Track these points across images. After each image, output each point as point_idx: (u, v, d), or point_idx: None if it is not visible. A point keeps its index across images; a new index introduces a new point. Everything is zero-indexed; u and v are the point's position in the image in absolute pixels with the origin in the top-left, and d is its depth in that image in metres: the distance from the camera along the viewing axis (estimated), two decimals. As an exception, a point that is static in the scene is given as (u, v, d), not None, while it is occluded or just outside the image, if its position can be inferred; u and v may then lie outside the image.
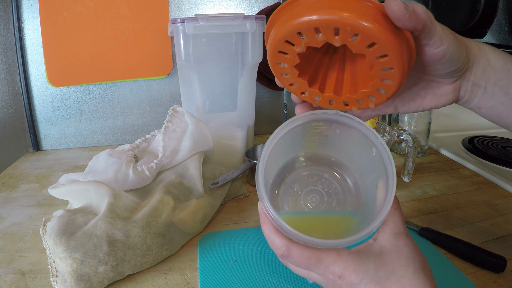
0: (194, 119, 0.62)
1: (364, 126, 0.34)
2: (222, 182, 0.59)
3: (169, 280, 0.43)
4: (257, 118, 0.83)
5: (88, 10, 0.80)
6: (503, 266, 0.42)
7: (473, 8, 0.82)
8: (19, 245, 0.50)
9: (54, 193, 0.56)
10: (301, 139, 0.38)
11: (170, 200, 0.51)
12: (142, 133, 0.91)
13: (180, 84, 0.78)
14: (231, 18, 0.65)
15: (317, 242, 0.29)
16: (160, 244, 0.46)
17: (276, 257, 0.45)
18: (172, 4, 0.85)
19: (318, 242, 0.29)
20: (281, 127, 0.34)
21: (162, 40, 0.85)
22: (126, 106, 0.90)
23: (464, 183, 0.67)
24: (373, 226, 0.30)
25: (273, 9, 0.87)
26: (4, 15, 0.80)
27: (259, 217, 0.33)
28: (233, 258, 0.46)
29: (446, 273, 0.43)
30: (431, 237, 0.49)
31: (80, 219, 0.47)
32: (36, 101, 0.86)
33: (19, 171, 0.77)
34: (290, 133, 0.35)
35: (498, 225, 0.53)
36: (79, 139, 0.90)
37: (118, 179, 0.55)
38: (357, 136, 0.34)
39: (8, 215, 0.58)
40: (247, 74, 0.72)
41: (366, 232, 0.29)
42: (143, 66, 0.86)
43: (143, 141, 0.65)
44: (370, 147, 0.34)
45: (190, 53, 0.66)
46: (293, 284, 0.41)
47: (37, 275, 0.44)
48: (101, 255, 0.42)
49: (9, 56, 0.82)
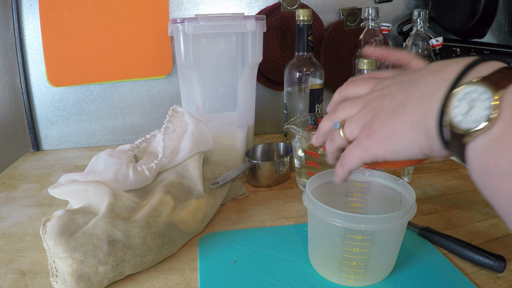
0: (194, 119, 0.62)
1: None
2: (222, 182, 0.59)
3: (169, 280, 0.43)
4: (257, 118, 0.83)
5: (88, 10, 0.80)
6: (503, 266, 0.42)
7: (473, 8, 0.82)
8: (19, 245, 0.50)
9: (54, 193, 0.56)
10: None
11: (170, 200, 0.51)
12: (142, 133, 0.91)
13: (180, 84, 0.78)
14: (231, 18, 0.65)
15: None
16: (160, 244, 0.46)
17: (276, 257, 0.45)
18: (172, 4, 0.85)
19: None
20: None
21: (162, 40, 0.85)
22: (126, 106, 0.90)
23: (464, 183, 0.67)
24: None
25: (273, 9, 0.87)
26: (4, 15, 0.80)
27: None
28: (233, 259, 0.46)
29: (446, 273, 0.43)
30: (431, 237, 0.49)
31: (80, 219, 0.47)
32: (36, 101, 0.86)
33: (19, 171, 0.77)
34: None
35: (498, 225, 0.53)
36: (79, 139, 0.90)
37: (118, 179, 0.55)
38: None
39: (8, 215, 0.58)
40: (247, 74, 0.71)
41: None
42: (143, 66, 0.86)
43: (143, 141, 0.65)
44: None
45: (190, 53, 0.66)
46: (292, 284, 0.41)
47: (37, 275, 0.44)
48: (101, 255, 0.42)
49: (9, 56, 0.82)
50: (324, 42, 0.92)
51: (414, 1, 0.96)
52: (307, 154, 0.60)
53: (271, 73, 0.91)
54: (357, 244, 0.38)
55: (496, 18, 0.83)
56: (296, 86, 0.76)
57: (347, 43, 0.93)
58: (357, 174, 0.46)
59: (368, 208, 0.48)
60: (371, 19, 0.74)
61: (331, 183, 0.46)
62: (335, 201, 0.47)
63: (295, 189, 0.65)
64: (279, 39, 0.89)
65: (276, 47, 0.90)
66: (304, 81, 0.75)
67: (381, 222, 0.37)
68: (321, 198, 0.40)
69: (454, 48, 0.89)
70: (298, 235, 0.51)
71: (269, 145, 0.74)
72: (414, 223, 0.52)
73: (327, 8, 0.92)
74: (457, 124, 0.25)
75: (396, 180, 0.44)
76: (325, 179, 0.46)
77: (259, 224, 0.54)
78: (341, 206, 0.48)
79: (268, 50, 0.88)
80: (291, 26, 0.89)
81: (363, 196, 0.47)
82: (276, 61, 0.91)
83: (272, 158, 0.73)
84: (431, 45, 0.75)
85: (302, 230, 0.52)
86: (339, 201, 0.48)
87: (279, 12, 0.87)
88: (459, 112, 0.25)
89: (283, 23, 0.88)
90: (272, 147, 0.74)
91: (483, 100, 0.24)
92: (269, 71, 0.91)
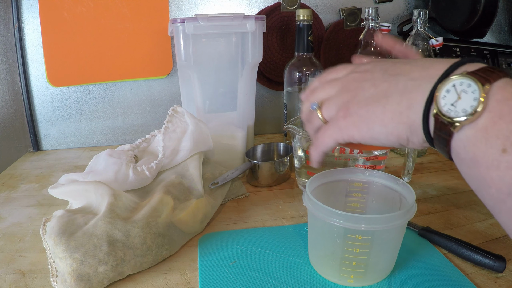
0: (194, 119, 0.62)
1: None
2: (222, 182, 0.59)
3: (169, 280, 0.43)
4: (257, 118, 0.83)
5: (88, 10, 0.80)
6: (503, 266, 0.42)
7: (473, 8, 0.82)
8: (19, 245, 0.50)
9: (54, 193, 0.56)
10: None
11: (170, 200, 0.51)
12: (142, 133, 0.91)
13: (180, 84, 0.78)
14: (231, 18, 0.65)
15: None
16: (160, 244, 0.46)
17: (276, 257, 0.45)
18: (172, 4, 0.85)
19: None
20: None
21: (162, 40, 0.85)
22: (126, 106, 0.90)
23: (464, 183, 0.66)
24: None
25: (273, 9, 0.87)
26: (4, 15, 0.80)
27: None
28: (233, 259, 0.46)
29: (446, 273, 0.43)
30: (431, 237, 0.49)
31: (80, 219, 0.47)
32: (36, 101, 0.86)
33: (19, 171, 0.77)
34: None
35: (498, 225, 0.52)
36: (79, 139, 0.90)
37: (118, 179, 0.55)
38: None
39: (8, 215, 0.58)
40: (247, 74, 0.71)
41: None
42: (143, 66, 0.86)
43: (143, 141, 0.65)
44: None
45: (190, 53, 0.66)
46: (292, 284, 0.41)
47: (37, 275, 0.44)
48: (101, 255, 0.42)
49: (9, 56, 0.82)
50: (324, 42, 0.92)
51: (414, 1, 0.96)
52: (307, 154, 0.60)
53: (271, 73, 0.91)
54: (357, 244, 0.38)
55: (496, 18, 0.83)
56: (296, 86, 0.76)
57: (347, 43, 0.93)
58: (357, 174, 0.46)
59: (368, 208, 0.48)
60: (371, 19, 0.74)
61: (331, 183, 0.46)
62: (335, 201, 0.47)
63: (295, 189, 0.65)
64: (279, 39, 0.89)
65: (276, 47, 0.90)
66: (304, 81, 0.75)
67: (381, 222, 0.37)
68: (321, 198, 0.40)
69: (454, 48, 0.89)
70: (298, 235, 0.51)
71: (269, 145, 0.74)
72: (414, 223, 0.52)
73: (327, 8, 0.92)
74: (446, 113, 0.25)
75: (396, 180, 0.44)
76: (325, 179, 0.46)
77: (259, 224, 0.54)
78: (341, 206, 0.48)
79: (268, 50, 0.88)
80: (291, 26, 0.89)
81: (363, 196, 0.47)
82: (276, 61, 0.91)
83: (272, 158, 0.73)
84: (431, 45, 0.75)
85: (302, 230, 0.52)
86: (339, 201, 0.48)
87: (279, 12, 0.87)
88: (448, 102, 0.25)
89: (283, 23, 0.88)
90: (272, 147, 0.74)
91: (470, 91, 0.25)
92: (269, 71, 0.91)
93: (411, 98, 0.28)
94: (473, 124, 0.24)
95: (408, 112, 0.28)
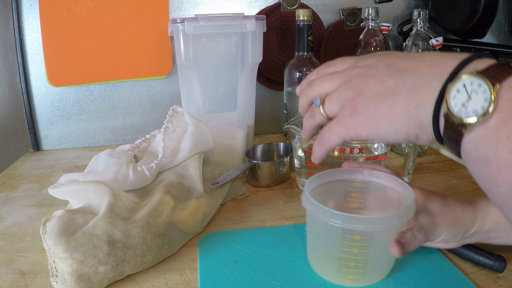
0: (194, 119, 0.62)
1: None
2: (222, 182, 0.59)
3: (169, 280, 0.43)
4: (257, 118, 0.83)
5: (88, 10, 0.80)
6: (503, 266, 0.42)
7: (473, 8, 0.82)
8: (19, 245, 0.50)
9: (54, 193, 0.56)
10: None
11: (170, 200, 0.51)
12: (142, 133, 0.91)
13: (180, 84, 0.78)
14: (231, 18, 0.65)
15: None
16: (160, 244, 0.46)
17: (276, 258, 0.45)
18: (172, 4, 0.85)
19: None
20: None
21: (162, 40, 0.85)
22: (126, 106, 0.90)
23: (464, 183, 0.67)
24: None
25: (273, 9, 0.87)
26: (4, 15, 0.80)
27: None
28: (233, 259, 0.46)
29: (446, 273, 0.43)
30: (431, 237, 0.49)
31: (80, 219, 0.47)
32: (36, 101, 0.86)
33: (19, 171, 0.77)
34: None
35: (498, 225, 0.53)
36: (79, 139, 0.90)
37: (118, 179, 0.55)
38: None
39: (8, 215, 0.58)
40: (247, 74, 0.72)
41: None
42: (143, 66, 0.86)
43: (143, 141, 0.65)
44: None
45: (190, 53, 0.66)
46: (292, 285, 0.41)
47: (37, 275, 0.44)
48: (101, 255, 0.42)
49: (9, 56, 0.82)
50: (324, 42, 0.92)
51: (414, 1, 0.96)
52: (307, 154, 0.60)
53: (271, 73, 0.91)
54: (355, 244, 0.38)
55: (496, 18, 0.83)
56: (296, 86, 0.76)
57: (347, 43, 0.93)
58: (356, 174, 0.46)
59: (367, 208, 0.48)
60: (371, 19, 0.74)
61: (330, 183, 0.46)
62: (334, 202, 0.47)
63: (295, 189, 0.65)
64: (279, 39, 0.89)
65: (276, 47, 0.90)
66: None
67: (379, 223, 0.37)
68: (320, 198, 0.40)
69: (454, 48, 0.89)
70: (298, 235, 0.51)
71: (269, 145, 0.74)
72: (414, 223, 0.52)
73: (327, 8, 0.92)
74: (457, 114, 0.25)
75: (396, 180, 0.44)
76: (324, 179, 0.46)
77: (259, 224, 0.54)
78: (340, 207, 0.48)
79: (268, 50, 0.88)
80: (291, 26, 0.89)
81: (362, 196, 0.47)
82: (276, 61, 0.91)
83: (272, 158, 0.73)
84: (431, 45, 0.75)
85: (302, 230, 0.52)
86: (339, 201, 0.48)
87: (279, 12, 0.87)
88: (458, 102, 0.25)
89: (283, 23, 0.88)
90: (272, 147, 0.74)
91: (481, 91, 0.24)
92: (269, 71, 0.91)
93: (420, 97, 0.28)
94: (484, 124, 0.24)
95: (417, 110, 0.28)
